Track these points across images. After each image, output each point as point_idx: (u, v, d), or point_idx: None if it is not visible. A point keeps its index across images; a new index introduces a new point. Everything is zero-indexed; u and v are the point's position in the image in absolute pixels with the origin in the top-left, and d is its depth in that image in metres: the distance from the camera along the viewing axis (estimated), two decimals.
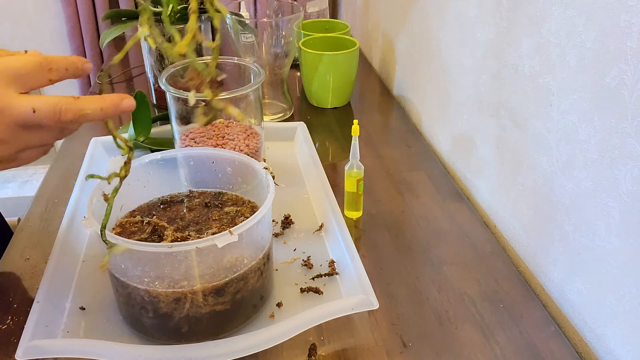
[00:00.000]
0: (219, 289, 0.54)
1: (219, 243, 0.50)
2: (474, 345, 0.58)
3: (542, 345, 0.59)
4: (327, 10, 1.45)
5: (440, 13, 0.94)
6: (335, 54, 1.04)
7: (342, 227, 0.68)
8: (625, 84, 0.52)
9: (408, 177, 0.87)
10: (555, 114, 0.64)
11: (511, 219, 0.76)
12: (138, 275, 0.53)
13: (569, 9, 0.60)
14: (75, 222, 0.69)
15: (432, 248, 0.72)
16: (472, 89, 0.84)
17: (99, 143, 0.88)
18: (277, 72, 1.03)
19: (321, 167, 0.80)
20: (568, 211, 0.63)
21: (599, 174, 0.57)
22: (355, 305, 0.57)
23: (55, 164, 0.91)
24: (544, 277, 0.69)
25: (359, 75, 1.16)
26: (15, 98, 0.45)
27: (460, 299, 0.64)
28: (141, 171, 0.64)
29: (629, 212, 0.54)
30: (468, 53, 0.84)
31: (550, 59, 0.63)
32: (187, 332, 0.55)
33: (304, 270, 0.66)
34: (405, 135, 1.01)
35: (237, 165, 0.66)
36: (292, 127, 0.94)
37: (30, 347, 0.52)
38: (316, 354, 0.56)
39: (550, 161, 0.65)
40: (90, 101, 0.47)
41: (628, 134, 0.53)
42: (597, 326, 0.60)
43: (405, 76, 1.14)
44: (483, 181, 0.83)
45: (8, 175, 2.21)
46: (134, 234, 0.59)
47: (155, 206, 0.66)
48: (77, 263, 0.67)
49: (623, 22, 0.52)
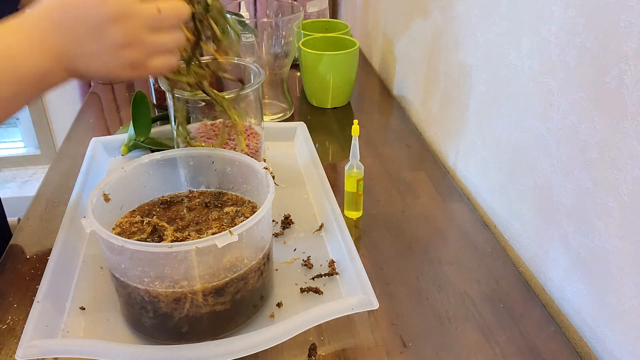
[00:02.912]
0: (219, 289, 0.54)
1: (219, 243, 0.50)
2: (474, 345, 0.58)
3: (542, 345, 0.59)
4: (327, 10, 1.45)
5: (440, 13, 0.94)
6: (335, 54, 1.04)
7: (342, 227, 0.68)
8: (625, 84, 0.52)
9: (408, 177, 0.87)
10: (555, 114, 0.64)
11: (511, 219, 0.76)
12: (138, 275, 0.53)
13: (569, 9, 0.60)
14: (75, 222, 0.69)
15: (432, 248, 0.72)
16: (472, 89, 0.84)
17: (99, 143, 0.88)
18: (277, 72, 1.03)
19: (321, 167, 0.80)
20: (568, 211, 0.63)
21: (599, 174, 0.57)
22: (355, 305, 0.57)
23: (55, 164, 0.91)
24: (544, 277, 0.69)
25: (359, 75, 1.16)
26: (139, 3, 0.49)
27: (460, 299, 0.64)
28: (141, 171, 0.65)
29: (629, 212, 0.54)
30: (468, 53, 0.84)
31: (550, 59, 0.63)
32: (187, 332, 0.55)
33: (304, 270, 0.66)
34: (405, 135, 1.01)
35: (237, 165, 0.66)
36: (292, 127, 0.94)
37: (30, 347, 0.52)
38: (316, 354, 0.56)
39: (550, 161, 0.65)
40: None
41: (628, 134, 0.53)
42: (597, 326, 0.60)
43: (405, 76, 1.14)
44: (483, 181, 0.83)
45: (8, 175, 2.21)
46: (134, 234, 0.59)
47: (155, 206, 0.66)
48: (77, 263, 0.67)
49: (623, 22, 0.52)
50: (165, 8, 0.50)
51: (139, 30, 0.49)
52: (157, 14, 0.49)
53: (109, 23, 0.47)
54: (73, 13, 0.47)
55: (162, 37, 0.51)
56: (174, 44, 0.52)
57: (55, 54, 0.48)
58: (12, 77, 0.47)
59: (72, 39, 0.48)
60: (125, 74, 0.51)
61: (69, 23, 0.47)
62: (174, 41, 0.52)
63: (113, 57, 0.49)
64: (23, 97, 0.49)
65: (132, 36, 0.49)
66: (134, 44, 0.49)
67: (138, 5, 0.48)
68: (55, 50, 0.48)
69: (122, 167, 0.63)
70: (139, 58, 0.50)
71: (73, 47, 0.48)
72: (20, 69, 0.47)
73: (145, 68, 0.51)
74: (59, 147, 0.98)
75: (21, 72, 0.47)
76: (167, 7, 0.50)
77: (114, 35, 0.48)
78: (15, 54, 0.46)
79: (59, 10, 0.48)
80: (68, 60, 0.49)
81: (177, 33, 0.52)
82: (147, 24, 0.49)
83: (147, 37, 0.49)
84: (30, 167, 2.25)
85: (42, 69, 0.48)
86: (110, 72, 0.50)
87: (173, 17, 0.51)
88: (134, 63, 0.50)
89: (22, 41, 0.47)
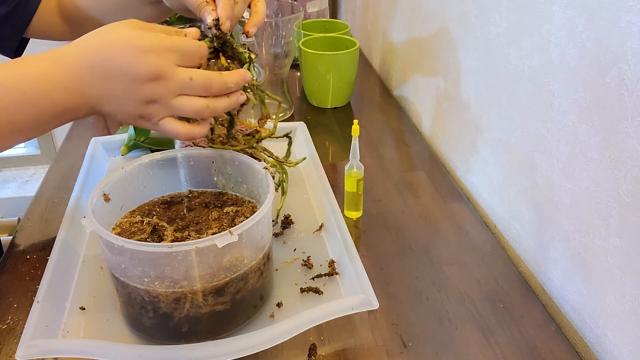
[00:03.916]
0: (219, 289, 0.54)
1: (219, 243, 0.50)
2: (474, 345, 0.58)
3: (542, 345, 0.59)
4: (327, 10, 1.45)
5: (440, 13, 0.94)
6: (335, 54, 1.04)
7: (342, 227, 0.68)
8: (625, 84, 0.52)
9: (408, 177, 0.87)
10: (555, 114, 0.64)
11: (511, 219, 0.76)
12: (138, 275, 0.53)
13: (569, 9, 0.60)
14: (75, 222, 0.69)
15: (432, 248, 0.72)
16: (472, 89, 0.84)
17: (99, 143, 0.88)
18: (277, 72, 1.03)
19: (321, 167, 0.80)
20: (568, 211, 0.63)
21: (599, 174, 0.57)
22: (355, 305, 0.57)
23: (55, 164, 0.91)
24: (544, 277, 0.69)
25: (359, 75, 1.16)
26: (176, 67, 0.52)
27: (460, 299, 0.64)
28: (141, 171, 0.65)
29: (629, 212, 0.54)
30: (468, 53, 0.84)
31: (550, 59, 0.63)
32: (187, 332, 0.55)
33: (304, 270, 0.66)
34: (405, 135, 1.01)
35: (237, 165, 0.66)
36: (292, 127, 0.94)
37: (30, 347, 0.52)
38: (316, 354, 0.56)
39: (550, 161, 0.65)
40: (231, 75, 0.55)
41: (628, 134, 0.53)
42: (597, 326, 0.60)
43: (405, 76, 1.14)
44: (483, 181, 0.83)
45: (8, 175, 2.21)
46: (134, 234, 0.59)
47: (155, 206, 0.66)
48: (77, 263, 0.67)
49: (623, 22, 0.52)
50: (197, 78, 0.52)
51: (169, 93, 0.51)
52: (188, 81, 0.52)
53: (144, 81, 0.50)
54: (112, 63, 0.50)
55: (184, 102, 0.52)
56: (192, 111, 0.53)
57: (84, 93, 0.50)
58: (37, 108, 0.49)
59: (105, 86, 0.50)
60: (136, 123, 0.54)
61: (106, 72, 0.50)
62: (193, 108, 0.53)
63: (134, 108, 0.52)
64: (42, 127, 0.51)
65: (159, 96, 0.51)
66: (157, 103, 0.52)
67: (174, 69, 0.51)
68: (86, 91, 0.50)
69: (122, 167, 0.63)
70: (154, 114, 0.52)
71: (103, 92, 0.51)
72: (47, 102, 0.49)
73: (154, 124, 0.53)
74: (59, 147, 0.98)
75: (46, 104, 0.49)
76: (198, 78, 0.52)
77: (144, 92, 0.51)
78: (47, 88, 0.49)
79: (100, 56, 0.50)
80: (94, 102, 0.51)
81: (199, 101, 0.53)
82: (177, 89, 0.52)
83: (171, 100, 0.52)
84: (30, 167, 2.25)
85: (67, 104, 0.50)
86: (126, 118, 0.53)
87: (201, 86, 0.52)
88: (146, 116, 0.53)
89: (55, 74, 0.49)
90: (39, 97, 0.49)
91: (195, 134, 0.55)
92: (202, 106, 0.53)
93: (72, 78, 0.50)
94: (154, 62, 0.50)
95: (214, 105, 0.54)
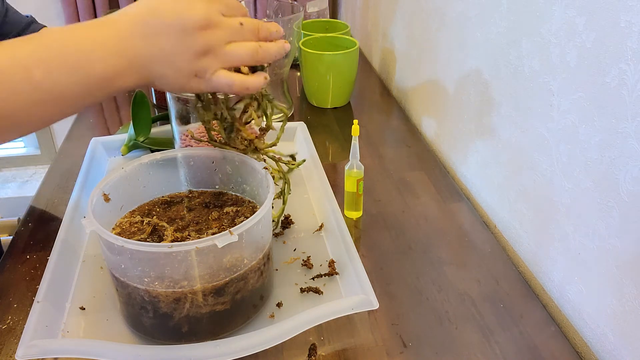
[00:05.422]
0: (219, 289, 0.54)
1: (219, 243, 0.50)
2: (474, 345, 0.58)
3: (542, 345, 0.59)
4: (327, 10, 1.45)
5: (440, 13, 0.94)
6: (335, 54, 1.04)
7: (342, 227, 0.68)
8: (625, 84, 0.52)
9: (408, 177, 0.87)
10: (555, 114, 0.64)
11: (511, 219, 0.76)
12: (138, 275, 0.53)
13: (569, 9, 0.60)
14: (75, 222, 0.69)
15: (432, 248, 0.72)
16: (472, 89, 0.84)
17: (99, 143, 0.88)
18: (277, 72, 1.03)
19: (321, 167, 0.80)
20: (568, 211, 0.63)
21: (599, 174, 0.57)
22: (355, 305, 0.57)
23: (55, 164, 0.91)
24: (544, 277, 0.69)
25: (359, 75, 1.16)
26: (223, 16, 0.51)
27: (460, 299, 0.64)
28: (141, 171, 0.64)
29: (629, 212, 0.54)
30: (468, 53, 0.84)
31: (550, 59, 0.63)
32: (187, 332, 0.55)
33: (304, 270, 0.66)
34: (405, 135, 1.01)
35: (237, 165, 0.66)
36: (292, 127, 0.94)
37: (30, 347, 0.52)
38: (316, 354, 0.56)
39: (550, 161, 0.65)
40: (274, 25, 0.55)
41: (628, 134, 0.53)
42: (597, 326, 0.60)
43: (405, 76, 1.14)
44: (483, 181, 0.83)
45: (8, 175, 2.21)
46: (134, 234, 0.59)
47: (155, 206, 0.66)
48: (77, 263, 0.67)
49: (623, 22, 0.52)
50: (246, 22, 0.52)
51: (220, 40, 0.51)
52: (239, 26, 0.52)
53: (196, 29, 0.49)
54: (162, 18, 0.49)
55: (237, 46, 0.52)
56: (246, 53, 0.53)
57: (132, 53, 0.48)
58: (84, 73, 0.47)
59: (155, 42, 0.49)
60: (189, 84, 0.52)
61: (156, 27, 0.49)
62: (246, 50, 0.52)
63: (187, 63, 0.50)
64: (88, 97, 0.49)
65: (212, 45, 0.50)
66: (210, 53, 0.50)
67: (222, 17, 0.51)
68: (133, 50, 0.48)
69: (122, 167, 0.63)
70: (208, 67, 0.51)
71: (152, 49, 0.49)
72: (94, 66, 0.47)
73: (208, 80, 0.52)
74: (59, 147, 0.98)
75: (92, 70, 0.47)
76: (248, 22, 0.52)
77: (197, 41, 0.49)
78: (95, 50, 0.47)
79: (150, 15, 0.49)
80: (143, 63, 0.49)
81: (251, 43, 0.53)
82: (228, 36, 0.51)
83: (224, 47, 0.51)
84: (30, 167, 2.25)
85: (114, 68, 0.48)
86: (178, 79, 0.51)
87: (251, 30, 0.53)
88: (200, 72, 0.51)
89: (102, 36, 0.48)
90: (86, 61, 0.47)
91: (250, 84, 0.54)
92: (255, 47, 0.53)
93: (122, 37, 0.48)
94: (203, 10, 0.49)
95: (265, 47, 0.54)
